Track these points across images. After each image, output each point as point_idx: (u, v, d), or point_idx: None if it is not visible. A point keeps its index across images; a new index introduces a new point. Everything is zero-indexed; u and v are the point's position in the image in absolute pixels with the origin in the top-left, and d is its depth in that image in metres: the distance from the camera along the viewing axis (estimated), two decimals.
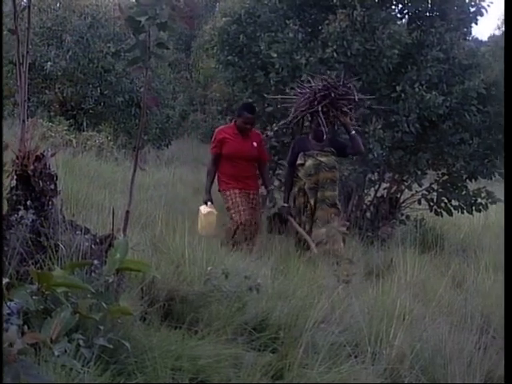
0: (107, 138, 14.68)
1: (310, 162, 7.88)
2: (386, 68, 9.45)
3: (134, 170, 4.49)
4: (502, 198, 10.35)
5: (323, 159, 7.86)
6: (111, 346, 3.33)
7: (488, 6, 10.33)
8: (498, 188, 11.16)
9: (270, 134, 9.73)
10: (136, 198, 5.97)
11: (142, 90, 12.03)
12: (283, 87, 9.78)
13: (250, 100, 10.33)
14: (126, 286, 4.13)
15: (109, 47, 16.88)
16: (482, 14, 10.40)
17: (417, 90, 9.47)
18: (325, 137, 7.89)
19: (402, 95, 9.53)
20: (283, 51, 9.61)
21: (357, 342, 4.50)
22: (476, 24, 10.58)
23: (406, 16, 10.71)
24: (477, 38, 25.31)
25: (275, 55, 9.65)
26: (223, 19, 10.65)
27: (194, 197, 11.46)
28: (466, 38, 11.00)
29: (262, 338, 4.28)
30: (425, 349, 4.50)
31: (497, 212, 12.58)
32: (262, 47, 9.91)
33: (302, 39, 9.73)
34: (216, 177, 8.11)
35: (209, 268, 4.81)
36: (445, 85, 9.79)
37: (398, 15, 10.74)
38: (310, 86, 8.14)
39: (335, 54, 9.40)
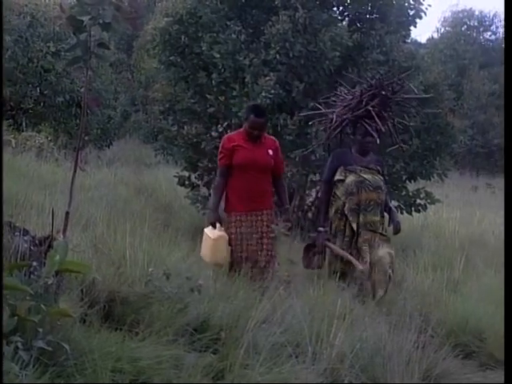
0: (47, 138, 14.53)
1: (351, 179, 6.85)
2: (328, 70, 9.52)
3: (75, 171, 4.45)
4: (441, 199, 10.64)
5: (367, 176, 6.86)
6: (50, 349, 3.30)
7: (426, 9, 10.53)
8: (436, 189, 11.36)
9: (214, 134, 9.73)
10: (77, 199, 5.92)
11: (82, 89, 11.91)
12: (225, 88, 9.80)
13: (193, 101, 10.32)
14: (66, 288, 4.09)
15: (48, 47, 16.68)
16: (420, 17, 10.57)
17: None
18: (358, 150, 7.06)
19: None
20: (226, 52, 9.63)
21: (298, 342, 4.52)
22: (415, 27, 10.79)
23: (347, 18, 10.81)
24: (416, 41, 25.79)
25: (218, 56, 9.67)
26: (165, 19, 10.60)
27: (136, 197, 11.41)
28: (406, 40, 11.21)
29: (203, 338, 4.28)
30: (364, 348, 4.56)
31: (435, 212, 12.80)
32: (203, 48, 9.92)
33: (245, 40, 9.76)
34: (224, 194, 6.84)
35: (150, 269, 4.79)
36: None
37: (339, 17, 10.84)
38: (350, 91, 7.52)
39: (278, 56, 9.44)
